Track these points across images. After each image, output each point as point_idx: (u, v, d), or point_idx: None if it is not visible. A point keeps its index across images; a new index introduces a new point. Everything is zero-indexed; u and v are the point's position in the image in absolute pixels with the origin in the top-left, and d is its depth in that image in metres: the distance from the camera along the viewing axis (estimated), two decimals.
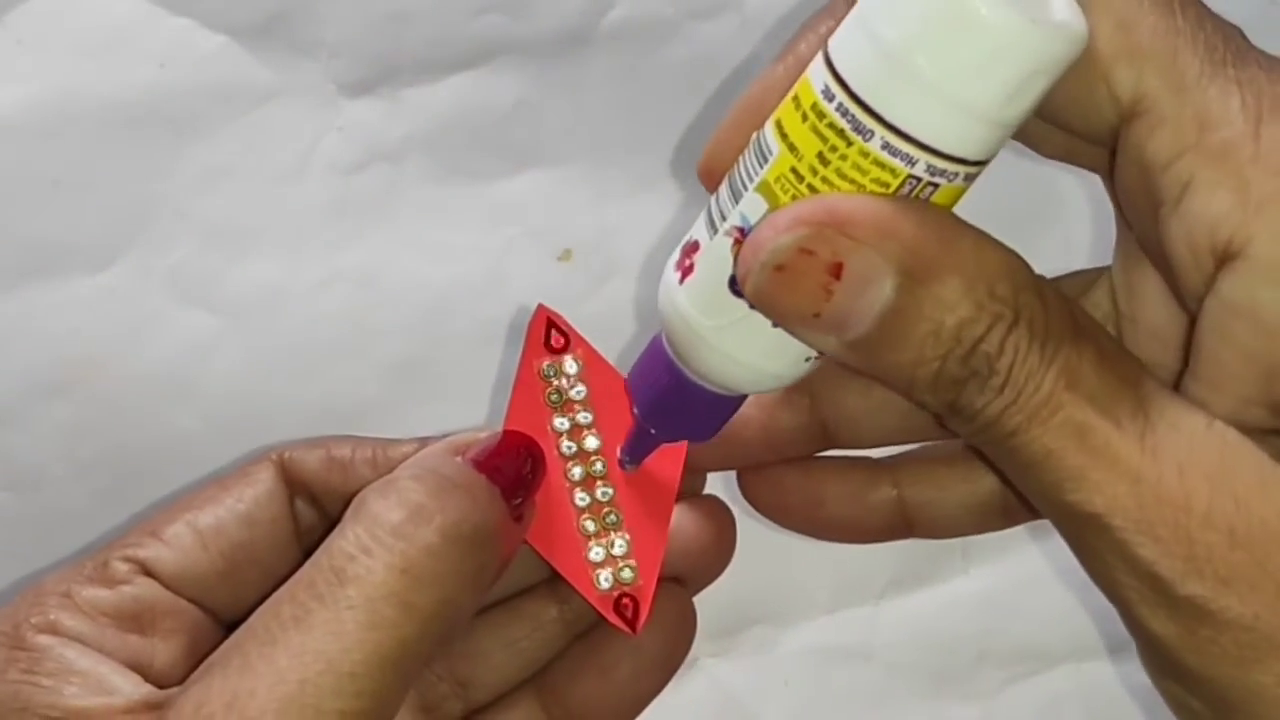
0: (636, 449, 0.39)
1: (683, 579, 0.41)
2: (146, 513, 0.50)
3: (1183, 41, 0.31)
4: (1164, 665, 0.32)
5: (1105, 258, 0.37)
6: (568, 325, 0.40)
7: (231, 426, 0.52)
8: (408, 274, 0.53)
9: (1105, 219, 0.36)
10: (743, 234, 0.32)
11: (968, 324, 0.30)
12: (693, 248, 0.33)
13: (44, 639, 0.34)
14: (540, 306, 0.41)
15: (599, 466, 0.40)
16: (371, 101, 0.53)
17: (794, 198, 0.31)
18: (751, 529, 0.42)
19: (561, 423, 0.40)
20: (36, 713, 0.33)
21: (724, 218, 0.32)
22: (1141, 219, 0.33)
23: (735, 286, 0.32)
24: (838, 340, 0.31)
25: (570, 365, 0.40)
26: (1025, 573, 0.55)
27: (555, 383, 0.40)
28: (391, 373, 0.53)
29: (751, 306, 0.32)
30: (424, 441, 0.39)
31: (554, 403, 0.40)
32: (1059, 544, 0.54)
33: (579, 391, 0.40)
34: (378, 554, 0.33)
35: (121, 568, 0.36)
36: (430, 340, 0.53)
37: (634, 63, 0.53)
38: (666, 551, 0.40)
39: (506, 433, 0.39)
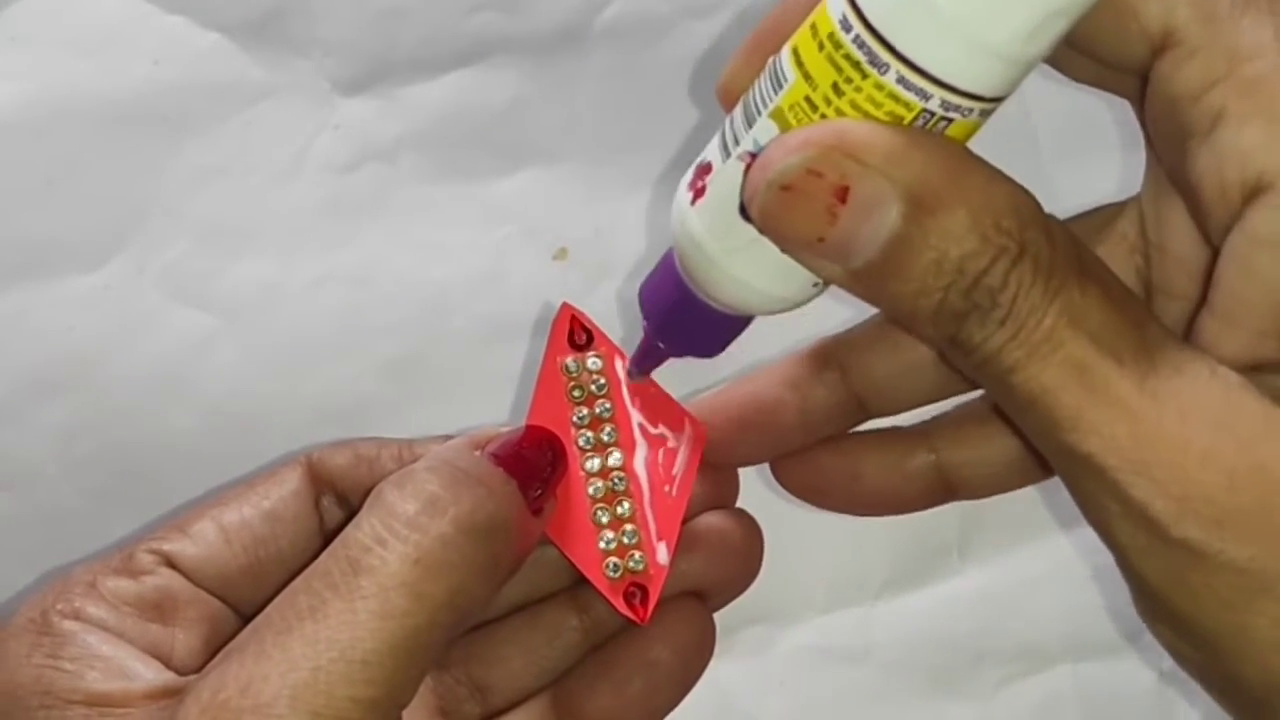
0: (645, 362, 0.39)
1: (705, 593, 0.41)
2: (142, 511, 0.50)
3: None
4: (1156, 609, 0.32)
5: (1133, 188, 0.36)
6: (591, 322, 0.41)
7: (227, 425, 0.52)
8: (403, 272, 0.53)
9: (1135, 147, 0.35)
10: (754, 159, 0.31)
11: (972, 256, 0.30)
12: (705, 169, 0.33)
13: (69, 625, 0.35)
14: (565, 305, 0.41)
15: (615, 458, 0.40)
16: (366, 100, 0.53)
17: None
18: None
19: (581, 416, 0.40)
20: (59, 696, 0.33)
21: (737, 142, 0.32)
22: (1170, 151, 0.33)
23: (746, 211, 0.32)
24: (841, 267, 0.31)
25: (593, 362, 0.41)
26: (1022, 572, 0.55)
27: (577, 378, 0.41)
28: (387, 371, 0.53)
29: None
30: (448, 439, 0.39)
31: (575, 398, 0.40)
32: (1056, 544, 0.55)
33: (600, 386, 0.41)
34: (392, 545, 0.33)
35: (146, 559, 0.37)
36: (425, 339, 0.53)
37: (629, 61, 0.53)
38: (680, 542, 0.40)
39: (528, 427, 0.39)
